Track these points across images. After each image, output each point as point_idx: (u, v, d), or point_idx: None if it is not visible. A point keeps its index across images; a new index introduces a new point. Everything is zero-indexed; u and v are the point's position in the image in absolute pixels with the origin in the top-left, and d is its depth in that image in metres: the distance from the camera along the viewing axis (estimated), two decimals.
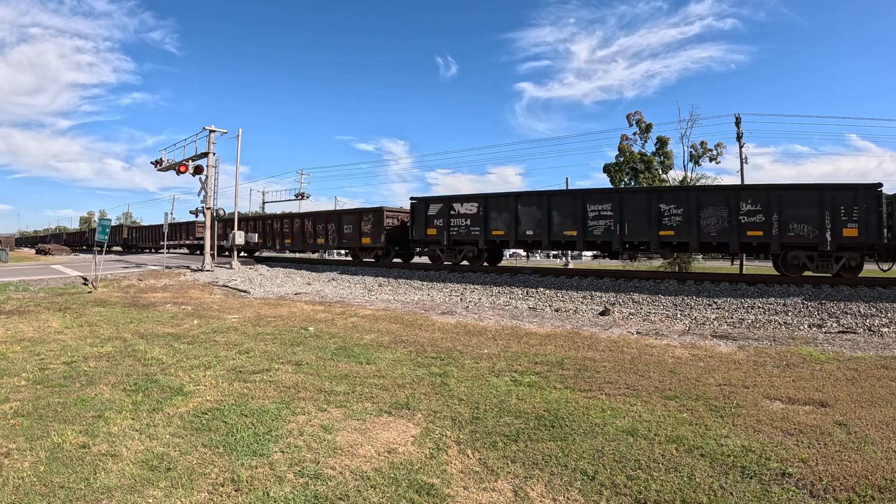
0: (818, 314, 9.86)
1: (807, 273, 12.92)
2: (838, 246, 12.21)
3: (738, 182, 29.16)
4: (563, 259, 30.90)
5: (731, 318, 9.95)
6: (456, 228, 17.54)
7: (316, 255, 34.16)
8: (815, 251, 12.54)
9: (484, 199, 17.02)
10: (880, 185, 12.11)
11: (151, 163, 22.63)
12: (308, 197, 40.73)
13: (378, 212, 19.98)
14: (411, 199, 18.79)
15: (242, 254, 25.85)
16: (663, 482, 3.08)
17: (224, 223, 26.47)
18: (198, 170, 20.40)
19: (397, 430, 3.98)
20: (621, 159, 35.50)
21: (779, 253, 12.97)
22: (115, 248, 41.95)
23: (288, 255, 27.85)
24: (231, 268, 20.66)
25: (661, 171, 34.22)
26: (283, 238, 24.13)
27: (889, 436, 3.74)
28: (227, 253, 25.97)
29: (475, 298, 13.18)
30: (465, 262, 17.83)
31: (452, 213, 17.51)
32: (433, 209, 18.02)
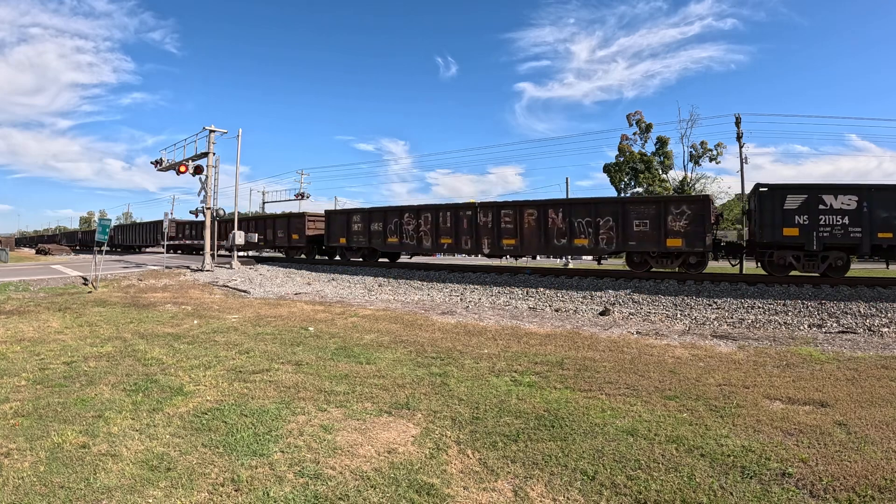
0: (818, 314, 9.86)
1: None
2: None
3: (739, 182, 29.12)
4: (563, 259, 30.98)
5: (731, 318, 9.96)
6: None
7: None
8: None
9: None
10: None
11: (151, 163, 22.65)
12: (308, 197, 40.72)
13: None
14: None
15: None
16: (663, 482, 3.08)
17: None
18: (198, 170, 20.39)
19: (397, 430, 3.98)
20: (621, 159, 35.53)
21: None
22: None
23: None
24: (231, 268, 20.67)
25: (661, 171, 34.25)
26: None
27: (889, 436, 3.74)
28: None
29: (475, 298, 13.18)
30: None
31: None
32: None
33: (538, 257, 20.03)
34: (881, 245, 12.17)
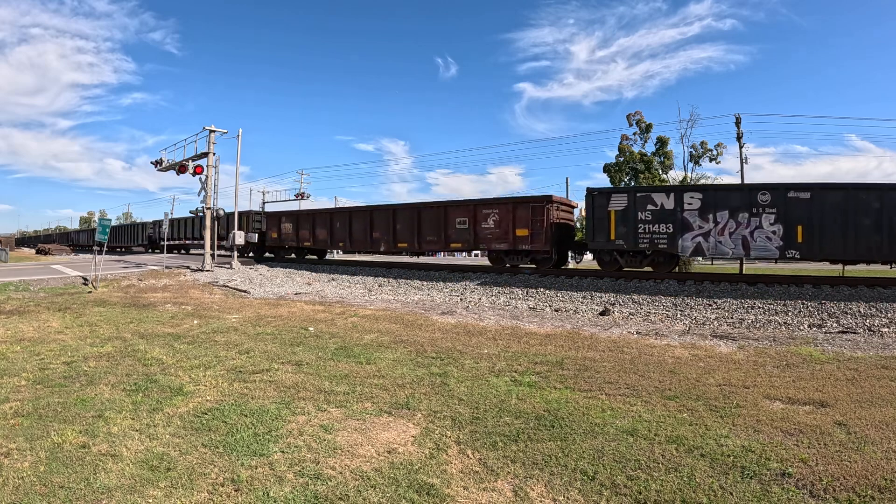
0: (818, 314, 9.86)
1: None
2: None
3: (739, 182, 29.18)
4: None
5: (731, 318, 9.95)
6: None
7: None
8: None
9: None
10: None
11: (152, 163, 22.65)
12: (308, 197, 40.54)
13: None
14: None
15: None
16: (663, 482, 3.08)
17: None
18: (198, 170, 20.39)
19: (397, 430, 3.98)
20: (621, 159, 35.50)
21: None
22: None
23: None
24: (231, 268, 20.66)
25: (661, 172, 34.23)
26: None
27: (889, 436, 3.74)
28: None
29: (475, 298, 13.17)
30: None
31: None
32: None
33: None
34: None
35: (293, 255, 24.99)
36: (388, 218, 19.55)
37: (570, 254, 17.31)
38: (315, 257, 24.90)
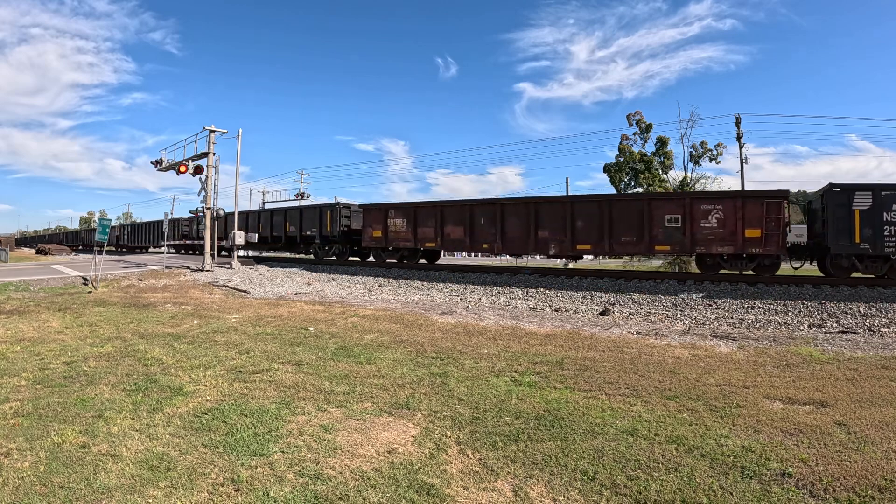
0: (818, 314, 9.86)
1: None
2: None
3: (739, 182, 29.19)
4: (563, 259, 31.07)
5: (731, 318, 9.95)
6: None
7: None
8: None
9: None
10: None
11: (152, 163, 22.63)
12: (308, 197, 40.68)
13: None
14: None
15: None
16: (663, 482, 3.08)
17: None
18: (198, 170, 20.37)
19: (397, 430, 3.98)
20: (621, 159, 35.50)
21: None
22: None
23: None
24: (231, 268, 20.66)
25: (661, 172, 34.23)
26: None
27: (889, 436, 3.74)
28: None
29: (475, 298, 13.18)
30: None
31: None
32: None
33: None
34: None
35: (393, 260, 19.87)
36: (562, 213, 15.39)
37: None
38: (425, 261, 19.97)
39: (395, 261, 19.71)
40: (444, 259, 24.80)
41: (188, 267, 20.11)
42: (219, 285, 15.91)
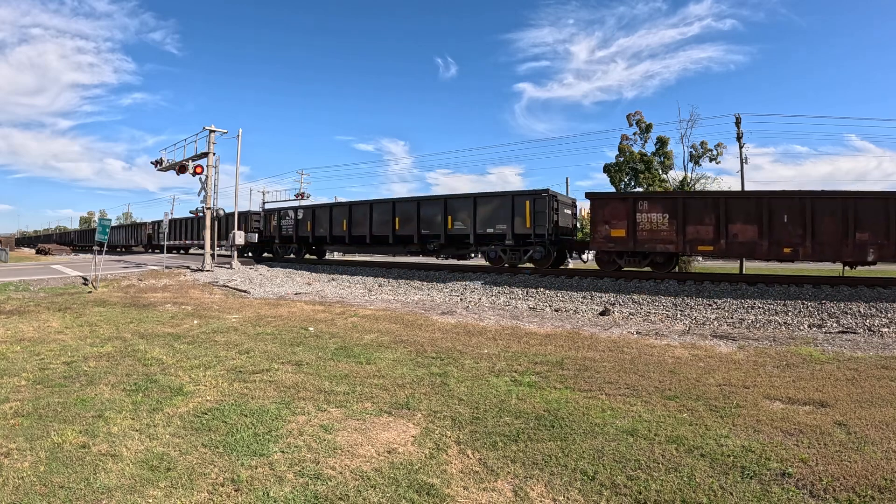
0: (818, 314, 9.86)
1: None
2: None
3: (738, 182, 29.16)
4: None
5: (731, 318, 9.95)
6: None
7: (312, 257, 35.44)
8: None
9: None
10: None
11: (152, 163, 22.65)
12: (308, 197, 40.55)
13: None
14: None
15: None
16: (663, 482, 3.08)
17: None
18: (198, 170, 20.40)
19: (397, 430, 3.98)
20: (621, 159, 35.50)
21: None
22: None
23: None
24: (231, 268, 20.66)
25: (661, 172, 34.23)
26: None
27: (889, 436, 3.74)
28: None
29: (475, 298, 13.18)
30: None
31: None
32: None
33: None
34: None
35: (643, 268, 15.03)
36: (885, 211, 12.25)
37: None
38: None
39: (647, 268, 14.99)
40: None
41: (188, 267, 20.11)
42: (219, 285, 15.91)
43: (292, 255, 24.28)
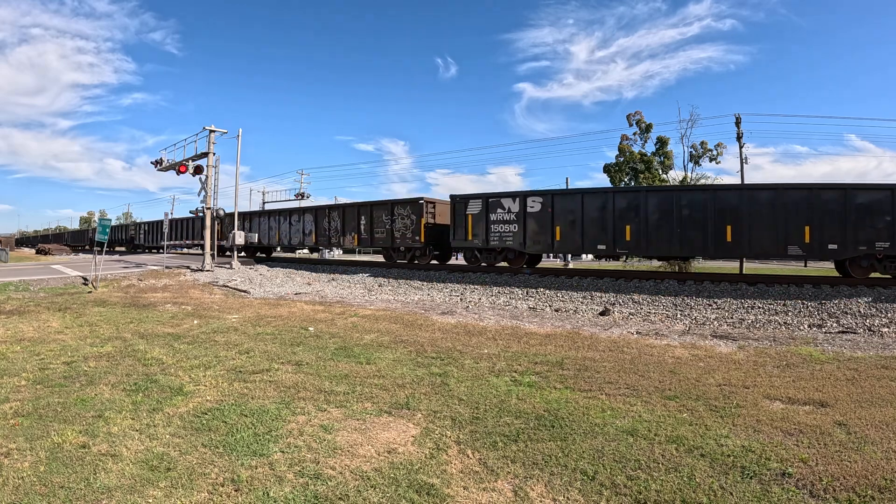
0: (818, 314, 9.86)
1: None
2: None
3: (739, 182, 29.18)
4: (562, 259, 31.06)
5: (731, 318, 9.95)
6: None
7: (316, 256, 35.29)
8: None
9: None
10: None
11: (152, 163, 22.64)
12: (308, 197, 40.59)
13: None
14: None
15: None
16: (663, 482, 3.08)
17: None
18: (198, 170, 20.39)
19: (397, 430, 3.98)
20: (621, 159, 35.53)
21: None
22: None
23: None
24: (231, 268, 20.66)
25: (661, 172, 34.25)
26: None
27: (889, 436, 3.74)
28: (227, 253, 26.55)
29: (475, 298, 13.17)
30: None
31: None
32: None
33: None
34: None
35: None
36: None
37: None
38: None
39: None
40: None
41: (188, 267, 20.11)
42: (219, 285, 15.90)
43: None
